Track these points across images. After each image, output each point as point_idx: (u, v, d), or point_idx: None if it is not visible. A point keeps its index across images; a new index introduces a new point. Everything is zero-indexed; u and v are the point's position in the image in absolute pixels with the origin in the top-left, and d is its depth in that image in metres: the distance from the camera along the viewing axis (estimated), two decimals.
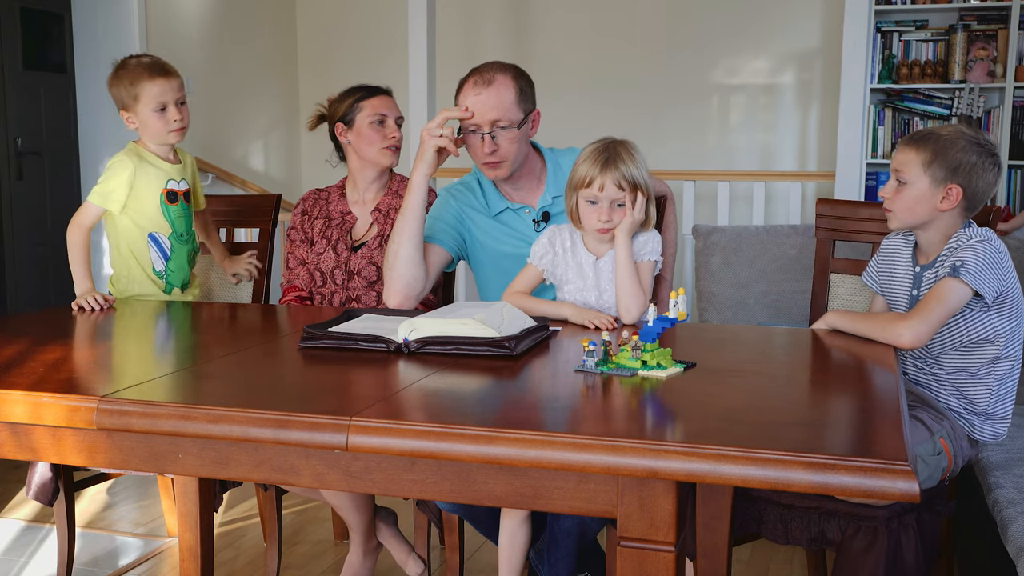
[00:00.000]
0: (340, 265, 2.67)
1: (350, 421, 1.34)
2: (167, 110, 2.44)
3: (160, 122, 2.45)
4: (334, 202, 2.77)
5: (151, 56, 2.51)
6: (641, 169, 2.08)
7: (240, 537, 3.08)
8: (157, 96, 2.42)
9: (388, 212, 2.70)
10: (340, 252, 2.68)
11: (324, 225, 2.73)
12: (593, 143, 2.12)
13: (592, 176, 2.06)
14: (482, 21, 6.04)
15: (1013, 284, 1.95)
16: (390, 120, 2.70)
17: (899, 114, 5.23)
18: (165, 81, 2.44)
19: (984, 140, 1.97)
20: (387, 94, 2.75)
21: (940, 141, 1.96)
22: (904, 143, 2.02)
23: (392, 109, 2.72)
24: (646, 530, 1.30)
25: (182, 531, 2.26)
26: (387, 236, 2.63)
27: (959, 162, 1.94)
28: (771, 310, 3.84)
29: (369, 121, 2.67)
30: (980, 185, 1.96)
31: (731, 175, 4.83)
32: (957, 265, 1.89)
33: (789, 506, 2.00)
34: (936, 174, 1.95)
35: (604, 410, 1.48)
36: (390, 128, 2.70)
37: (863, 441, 1.30)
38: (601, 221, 2.08)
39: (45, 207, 4.90)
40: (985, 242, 1.93)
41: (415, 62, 4.81)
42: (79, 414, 1.45)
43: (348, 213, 2.74)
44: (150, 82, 2.42)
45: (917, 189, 1.97)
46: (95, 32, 4.96)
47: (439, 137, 2.27)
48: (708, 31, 5.64)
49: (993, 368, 2.01)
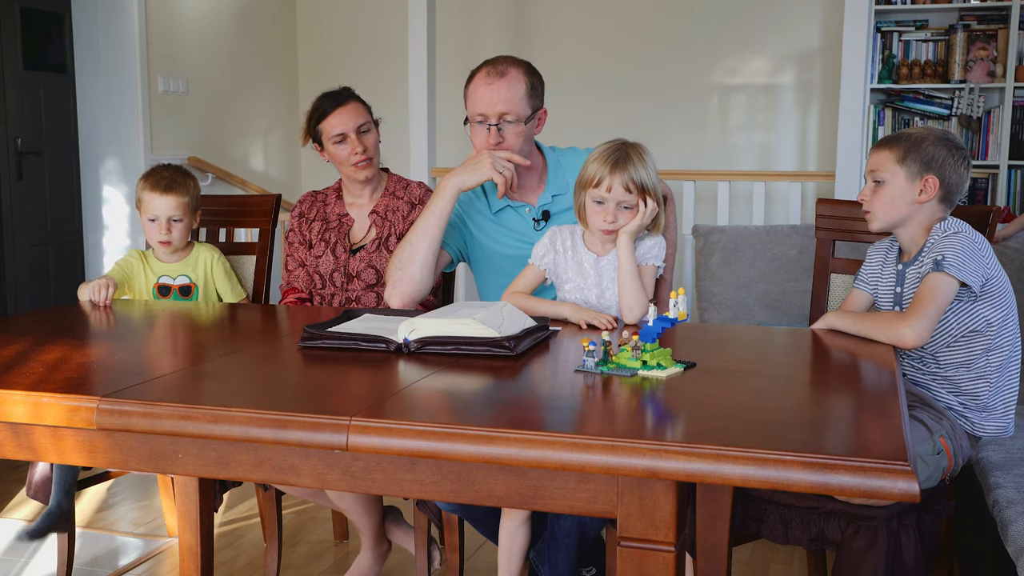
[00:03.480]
0: (339, 268, 2.63)
1: (350, 421, 1.34)
2: (156, 221, 2.60)
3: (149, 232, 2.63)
4: (331, 204, 2.72)
5: (170, 170, 2.65)
6: (651, 173, 2.08)
7: (240, 537, 3.08)
8: (150, 211, 2.59)
9: (386, 214, 2.66)
10: (339, 255, 2.64)
11: (322, 228, 2.69)
12: (605, 143, 2.12)
13: (601, 176, 2.06)
14: (482, 21, 6.04)
15: (997, 271, 1.99)
16: (350, 135, 2.57)
17: (899, 114, 5.23)
18: (160, 197, 2.58)
19: (951, 136, 2.05)
20: (345, 102, 2.60)
21: (911, 139, 2.04)
22: (876, 146, 2.10)
23: (349, 121, 2.58)
24: (646, 530, 1.30)
25: (182, 531, 2.26)
26: (385, 239, 2.61)
27: (931, 155, 2.01)
28: (771, 310, 3.84)
29: (332, 142, 2.59)
30: (952, 177, 2.02)
31: (731, 175, 4.83)
32: (938, 259, 1.93)
33: (789, 506, 2.00)
34: (911, 168, 2.02)
35: (604, 410, 1.48)
36: (352, 143, 2.58)
37: (863, 441, 1.30)
38: (606, 222, 2.08)
39: (45, 207, 4.90)
40: (959, 233, 1.98)
41: (415, 62, 4.80)
42: (79, 414, 1.45)
43: (345, 215, 2.69)
44: (148, 194, 2.60)
45: (895, 186, 2.03)
46: (95, 32, 4.96)
47: (500, 173, 2.25)
48: (708, 31, 5.64)
49: (988, 360, 2.02)
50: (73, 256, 5.08)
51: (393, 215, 2.64)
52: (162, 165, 2.68)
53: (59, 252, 4.99)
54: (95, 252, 5.11)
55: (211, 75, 5.48)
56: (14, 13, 4.70)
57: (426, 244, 2.29)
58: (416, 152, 4.81)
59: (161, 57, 5.08)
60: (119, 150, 5.01)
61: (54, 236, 4.96)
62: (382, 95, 6.40)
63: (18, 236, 4.75)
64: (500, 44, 5.92)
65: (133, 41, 4.91)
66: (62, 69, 4.99)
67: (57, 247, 4.98)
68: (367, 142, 2.59)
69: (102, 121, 5.01)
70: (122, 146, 5.00)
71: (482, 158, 2.27)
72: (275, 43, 6.17)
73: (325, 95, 2.64)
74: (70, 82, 5.02)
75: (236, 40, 5.75)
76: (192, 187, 2.64)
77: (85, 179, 5.08)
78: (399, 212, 2.64)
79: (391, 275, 2.33)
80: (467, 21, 6.02)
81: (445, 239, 2.37)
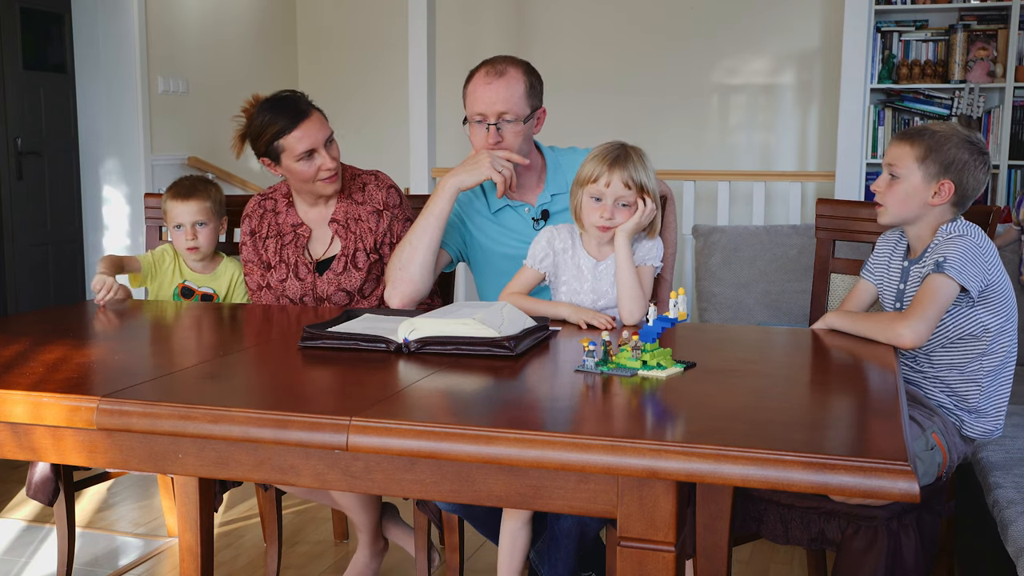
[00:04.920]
0: (307, 292, 2.45)
1: (350, 421, 1.34)
2: (181, 228, 2.61)
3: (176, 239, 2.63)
4: (282, 212, 2.50)
5: (191, 179, 2.69)
6: (650, 175, 2.08)
7: (240, 537, 3.08)
8: (175, 218, 2.61)
9: (347, 223, 2.45)
10: (303, 277, 2.44)
11: (277, 244, 2.47)
12: (604, 143, 2.12)
13: (599, 173, 2.06)
14: (482, 21, 6.04)
15: (999, 277, 1.97)
16: (320, 150, 2.35)
17: (899, 114, 5.23)
18: (183, 203, 2.60)
19: (976, 139, 2.00)
20: (308, 114, 2.36)
21: (934, 137, 1.99)
22: (898, 138, 2.04)
23: (317, 134, 2.34)
24: (646, 530, 1.30)
25: (182, 531, 2.26)
26: (352, 256, 2.45)
27: (952, 158, 1.97)
28: (771, 310, 3.84)
29: (295, 159, 2.35)
30: (971, 182, 1.99)
31: (731, 175, 4.83)
32: (940, 261, 1.92)
33: (789, 506, 2.00)
34: (929, 169, 1.98)
35: (604, 410, 1.48)
36: (322, 158, 2.36)
37: (863, 441, 1.30)
38: (603, 218, 2.07)
39: (45, 207, 4.90)
40: (963, 237, 1.96)
41: (415, 62, 4.80)
42: (79, 414, 1.45)
43: (300, 225, 2.48)
44: (171, 203, 2.62)
45: (910, 183, 2.00)
46: (95, 32, 4.96)
47: (499, 172, 2.25)
48: (708, 31, 5.64)
49: (981, 364, 2.01)
50: (73, 256, 5.08)
51: (357, 225, 2.46)
52: (184, 176, 2.71)
53: (59, 252, 4.99)
54: (95, 252, 5.11)
55: (211, 75, 5.48)
56: (14, 13, 4.70)
57: (425, 244, 2.29)
58: (416, 152, 4.81)
59: (161, 57, 5.08)
60: (119, 150, 5.01)
61: (54, 236, 4.96)
62: (382, 95, 6.41)
63: (18, 236, 4.75)
64: (500, 44, 5.91)
65: (133, 41, 4.91)
66: (62, 69, 4.99)
67: (57, 247, 4.98)
68: (335, 152, 2.40)
69: (102, 121, 5.01)
70: (122, 146, 5.00)
71: (481, 158, 2.27)
72: (275, 43, 6.17)
73: (277, 107, 2.37)
74: (70, 82, 5.02)
75: (236, 40, 5.75)
76: (214, 192, 2.65)
77: (85, 179, 5.08)
78: (364, 223, 2.46)
79: (391, 275, 2.33)
80: (467, 21, 6.02)
81: (444, 239, 2.37)
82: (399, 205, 2.52)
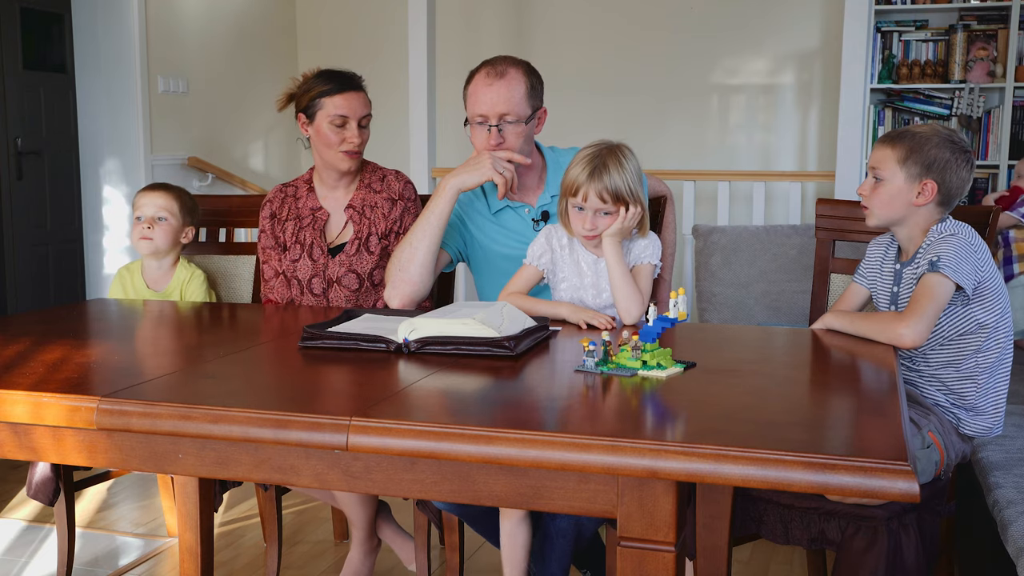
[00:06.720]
0: (318, 273, 2.51)
1: (350, 421, 1.34)
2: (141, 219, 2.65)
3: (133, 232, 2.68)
4: (303, 197, 2.58)
5: (166, 182, 2.76)
6: (629, 178, 2.07)
7: (240, 537, 3.08)
8: (137, 209, 2.65)
9: (363, 209, 2.53)
10: (317, 258, 2.51)
11: (295, 227, 2.55)
12: (588, 147, 2.11)
13: (578, 184, 2.07)
14: (482, 21, 6.04)
15: (991, 275, 1.98)
16: (352, 122, 2.48)
17: (899, 114, 5.23)
18: (147, 195, 2.66)
19: (958, 138, 2.02)
20: (356, 89, 2.52)
21: (915, 138, 2.02)
22: (880, 141, 2.08)
23: (357, 109, 2.49)
24: (646, 530, 1.31)
25: (182, 531, 2.27)
26: (365, 239, 2.51)
27: (933, 158, 1.99)
28: (771, 310, 3.84)
29: (328, 120, 2.47)
30: (954, 181, 2.01)
31: (731, 175, 4.83)
32: (934, 260, 1.93)
33: (789, 506, 2.00)
34: (911, 170, 2.01)
35: (604, 410, 1.48)
36: (351, 131, 2.48)
37: (863, 441, 1.30)
38: (586, 228, 2.09)
39: (45, 207, 4.90)
40: (956, 235, 1.97)
41: (415, 63, 4.80)
42: (79, 414, 1.45)
43: (319, 209, 2.56)
44: (139, 195, 2.68)
45: (893, 185, 2.02)
46: (95, 32, 4.96)
47: (500, 173, 2.25)
48: (708, 31, 5.64)
49: (977, 361, 2.02)
50: (73, 256, 5.08)
51: (372, 212, 2.53)
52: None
53: (59, 252, 4.99)
54: (95, 252, 5.11)
55: (211, 75, 5.48)
56: (14, 13, 4.70)
57: (426, 244, 2.29)
58: (416, 152, 4.81)
59: (161, 57, 5.08)
60: (119, 150, 5.00)
61: (54, 236, 4.95)
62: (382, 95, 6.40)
63: (18, 236, 4.75)
64: (500, 44, 5.92)
65: (133, 41, 4.91)
66: (62, 69, 4.99)
67: (57, 247, 4.98)
68: (364, 136, 2.52)
69: (102, 121, 5.01)
70: (122, 146, 5.00)
71: (482, 158, 2.27)
72: (275, 43, 6.17)
73: (335, 72, 2.53)
74: (70, 82, 5.02)
75: (236, 40, 5.75)
76: (185, 198, 2.66)
77: (85, 179, 5.07)
78: (378, 209, 2.53)
79: (391, 275, 2.33)
80: (467, 22, 6.02)
81: (445, 239, 2.37)
82: (413, 200, 2.58)
